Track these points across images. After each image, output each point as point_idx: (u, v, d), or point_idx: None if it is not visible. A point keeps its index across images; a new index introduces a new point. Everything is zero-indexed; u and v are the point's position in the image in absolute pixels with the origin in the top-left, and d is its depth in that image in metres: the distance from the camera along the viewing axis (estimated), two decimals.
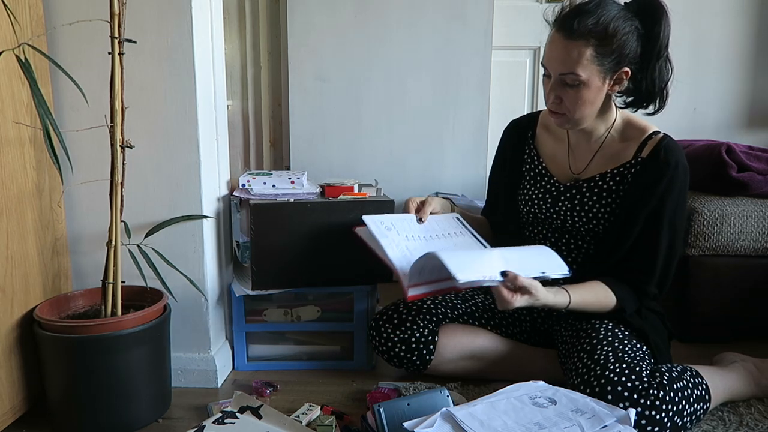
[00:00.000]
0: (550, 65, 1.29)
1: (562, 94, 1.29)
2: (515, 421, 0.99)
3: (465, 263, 1.16)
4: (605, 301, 1.30)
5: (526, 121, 1.55)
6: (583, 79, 1.25)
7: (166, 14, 1.30)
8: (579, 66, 1.24)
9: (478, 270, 1.16)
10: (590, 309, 1.30)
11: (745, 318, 1.72)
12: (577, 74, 1.25)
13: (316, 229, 1.48)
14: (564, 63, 1.25)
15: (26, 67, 1.08)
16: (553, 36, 1.28)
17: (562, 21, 1.26)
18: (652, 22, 1.28)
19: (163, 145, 1.36)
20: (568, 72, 1.25)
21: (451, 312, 1.47)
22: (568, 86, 1.27)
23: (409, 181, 2.27)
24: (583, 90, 1.27)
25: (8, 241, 1.20)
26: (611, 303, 1.31)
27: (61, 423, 1.24)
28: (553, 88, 1.29)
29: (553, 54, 1.27)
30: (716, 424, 1.26)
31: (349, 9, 2.18)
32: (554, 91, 1.29)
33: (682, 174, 1.31)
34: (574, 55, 1.24)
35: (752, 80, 2.47)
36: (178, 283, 1.35)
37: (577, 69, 1.24)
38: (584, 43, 1.23)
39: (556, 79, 1.28)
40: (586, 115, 1.32)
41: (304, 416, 1.24)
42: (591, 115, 1.33)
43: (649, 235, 1.32)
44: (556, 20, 1.28)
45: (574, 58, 1.24)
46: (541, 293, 1.20)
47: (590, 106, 1.30)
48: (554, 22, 1.29)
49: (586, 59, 1.24)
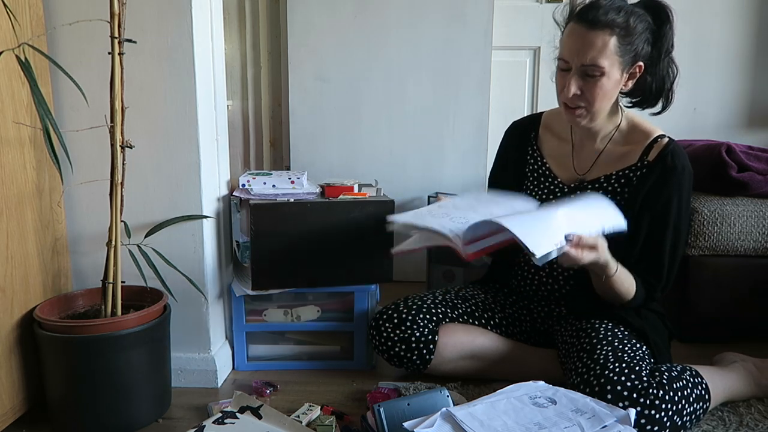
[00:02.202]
0: (572, 56, 1.27)
1: (582, 86, 1.28)
2: (515, 421, 0.99)
3: (535, 234, 1.11)
4: (630, 289, 1.30)
5: (528, 122, 1.55)
6: (605, 69, 1.25)
7: (166, 14, 1.30)
8: (602, 56, 1.24)
9: (550, 239, 1.11)
10: (618, 289, 1.29)
11: (745, 318, 1.72)
12: (600, 64, 1.25)
13: (316, 229, 1.48)
14: (588, 53, 1.25)
15: (26, 67, 1.08)
16: (573, 28, 1.27)
17: (583, 12, 1.26)
18: (661, 20, 1.30)
19: (163, 145, 1.36)
20: (591, 62, 1.25)
21: (451, 312, 1.47)
22: (588, 77, 1.27)
23: (409, 181, 2.27)
24: (603, 81, 1.27)
25: (8, 241, 1.20)
26: (631, 293, 1.30)
27: (61, 423, 1.24)
28: (573, 79, 1.28)
29: (576, 44, 1.26)
30: (716, 424, 1.26)
31: (349, 9, 2.18)
32: (575, 83, 1.28)
33: (687, 178, 1.33)
34: (599, 44, 1.24)
35: (752, 80, 2.47)
36: (178, 283, 1.35)
37: (601, 59, 1.24)
38: (609, 32, 1.24)
39: (578, 69, 1.27)
40: (604, 108, 1.32)
41: (304, 416, 1.24)
42: (606, 110, 1.33)
43: (655, 238, 1.33)
44: (574, 13, 1.28)
45: (599, 48, 1.24)
46: (603, 251, 1.19)
47: (608, 100, 1.31)
48: (572, 16, 1.29)
49: (610, 49, 1.24)
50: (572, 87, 1.28)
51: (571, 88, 1.29)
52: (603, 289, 1.31)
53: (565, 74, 1.30)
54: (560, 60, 1.31)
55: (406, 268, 2.26)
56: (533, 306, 1.52)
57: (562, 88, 1.31)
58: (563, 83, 1.31)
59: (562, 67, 1.31)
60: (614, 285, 1.28)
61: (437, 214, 1.29)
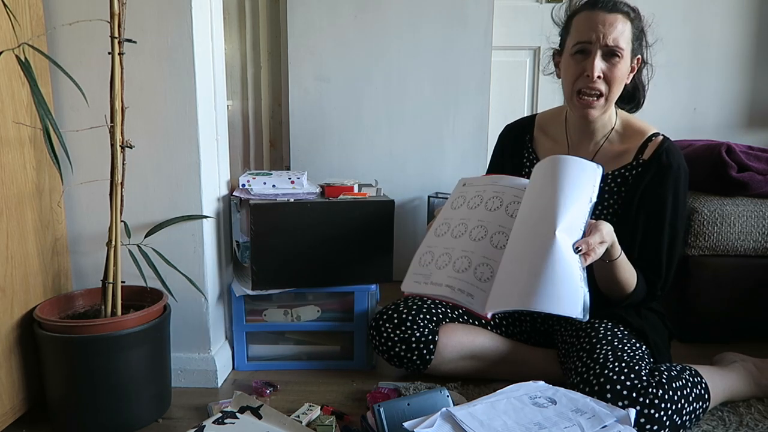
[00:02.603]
0: (596, 36, 1.25)
1: (603, 68, 1.27)
2: (515, 421, 0.99)
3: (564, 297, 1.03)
4: (631, 279, 1.27)
5: (522, 125, 1.55)
6: (624, 52, 1.27)
7: (166, 14, 1.30)
8: (623, 38, 1.27)
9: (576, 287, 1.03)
10: (620, 276, 1.26)
11: (745, 318, 1.72)
12: (622, 46, 1.26)
13: (316, 229, 1.48)
14: (611, 33, 1.25)
15: (26, 67, 1.08)
16: (588, 14, 1.28)
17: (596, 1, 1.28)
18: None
19: (163, 145, 1.36)
20: (614, 43, 1.25)
21: (451, 311, 1.47)
22: (611, 58, 1.27)
23: (409, 181, 2.27)
24: (622, 65, 1.28)
25: (8, 241, 1.20)
26: (632, 283, 1.28)
27: (61, 423, 1.24)
28: (597, 59, 1.26)
29: (598, 25, 1.26)
30: (716, 424, 1.26)
31: (349, 9, 2.18)
32: (600, 63, 1.27)
33: (683, 176, 1.33)
34: (619, 26, 1.26)
35: (752, 80, 2.47)
36: (178, 283, 1.35)
37: (622, 40, 1.26)
38: (625, 17, 1.27)
39: (601, 50, 1.26)
40: (616, 95, 1.32)
41: (304, 416, 1.24)
42: (614, 100, 1.33)
43: (652, 236, 1.32)
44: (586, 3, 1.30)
45: (620, 30, 1.26)
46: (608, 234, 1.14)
47: (620, 87, 1.31)
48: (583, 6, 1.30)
49: (626, 35, 1.27)
50: (597, 66, 1.26)
51: (596, 68, 1.26)
52: (606, 277, 1.27)
53: (583, 59, 1.28)
54: (579, 44, 1.28)
55: (406, 268, 2.25)
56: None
57: (580, 73, 1.29)
58: (580, 68, 1.28)
59: (580, 49, 1.28)
60: (617, 271, 1.25)
61: (441, 264, 1.23)
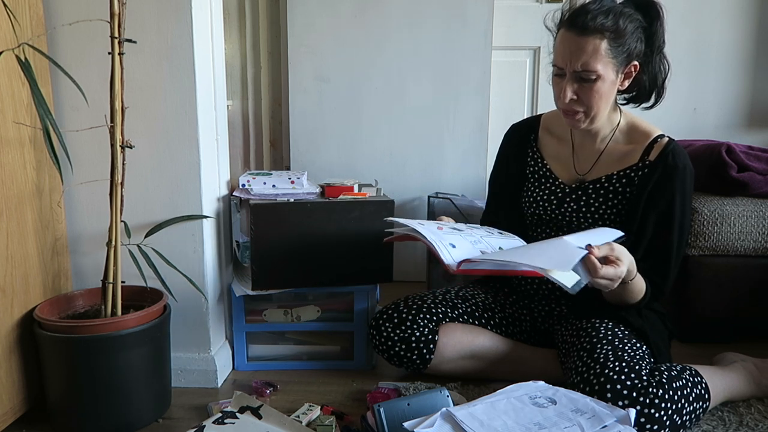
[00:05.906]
0: (565, 62, 1.28)
1: (578, 90, 1.29)
2: (515, 421, 0.99)
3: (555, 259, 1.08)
4: (641, 292, 1.29)
5: (528, 124, 1.56)
6: (599, 72, 1.26)
7: (166, 14, 1.30)
8: (595, 60, 1.25)
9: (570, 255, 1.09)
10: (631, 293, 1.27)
11: (745, 318, 1.72)
12: (594, 69, 1.26)
13: (316, 229, 1.48)
14: (580, 58, 1.26)
15: (26, 67, 1.08)
16: (564, 35, 1.29)
17: (572, 19, 1.27)
18: (651, 18, 1.31)
19: (163, 145, 1.36)
20: (584, 68, 1.26)
21: (451, 311, 1.47)
22: (584, 82, 1.28)
23: (409, 181, 2.27)
24: (599, 84, 1.28)
25: (8, 241, 1.20)
26: (641, 295, 1.29)
27: (61, 423, 1.24)
28: (569, 85, 1.29)
29: (568, 51, 1.27)
30: (716, 424, 1.26)
31: (349, 9, 2.18)
32: (570, 88, 1.29)
33: (689, 177, 1.34)
34: (590, 49, 1.25)
35: (752, 80, 2.47)
36: (178, 283, 1.35)
37: (594, 63, 1.25)
38: (599, 37, 1.25)
39: (572, 75, 1.28)
40: (602, 110, 1.32)
41: (304, 416, 1.24)
42: (605, 111, 1.34)
43: (661, 237, 1.33)
44: (564, 20, 1.30)
45: (590, 53, 1.25)
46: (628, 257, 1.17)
47: (606, 102, 1.31)
48: (562, 22, 1.30)
49: (601, 53, 1.25)
50: (568, 93, 1.30)
51: (567, 94, 1.30)
52: (616, 294, 1.27)
53: (561, 80, 1.31)
54: (554, 66, 1.32)
55: (406, 268, 2.26)
56: (533, 305, 1.52)
57: (558, 94, 1.33)
58: (559, 89, 1.32)
59: (557, 73, 1.32)
60: (630, 289, 1.26)
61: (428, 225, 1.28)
